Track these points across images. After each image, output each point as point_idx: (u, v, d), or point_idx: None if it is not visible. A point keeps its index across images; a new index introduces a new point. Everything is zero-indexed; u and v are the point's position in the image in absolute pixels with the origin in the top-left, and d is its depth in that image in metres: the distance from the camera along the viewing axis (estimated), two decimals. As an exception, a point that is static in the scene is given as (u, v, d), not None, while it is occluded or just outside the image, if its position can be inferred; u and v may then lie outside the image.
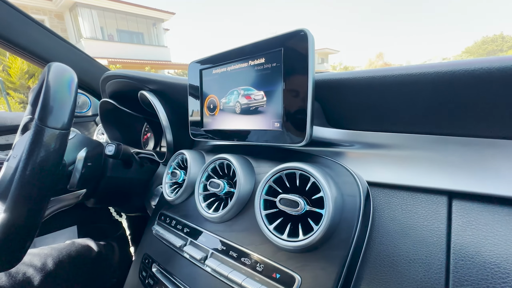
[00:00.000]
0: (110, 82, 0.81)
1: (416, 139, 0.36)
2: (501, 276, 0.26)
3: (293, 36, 0.38)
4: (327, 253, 0.33)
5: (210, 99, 0.53)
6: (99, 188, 0.67)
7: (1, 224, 0.43)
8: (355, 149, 0.41)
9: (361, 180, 0.37)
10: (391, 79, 0.35)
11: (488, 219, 0.29)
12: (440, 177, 0.33)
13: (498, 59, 0.28)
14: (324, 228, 0.33)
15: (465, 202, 0.31)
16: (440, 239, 0.30)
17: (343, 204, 0.35)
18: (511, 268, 0.26)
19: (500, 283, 0.26)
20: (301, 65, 0.38)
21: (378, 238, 0.34)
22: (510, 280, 0.25)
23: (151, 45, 15.78)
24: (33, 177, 0.43)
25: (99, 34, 13.28)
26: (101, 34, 13.44)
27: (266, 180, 0.40)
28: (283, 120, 0.41)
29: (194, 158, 0.56)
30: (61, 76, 0.51)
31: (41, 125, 0.43)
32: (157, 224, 0.57)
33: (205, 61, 0.53)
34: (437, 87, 0.32)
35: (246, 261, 0.39)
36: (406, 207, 0.34)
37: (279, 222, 0.38)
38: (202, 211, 0.47)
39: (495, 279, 0.26)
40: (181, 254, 0.48)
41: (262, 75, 0.43)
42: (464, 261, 0.28)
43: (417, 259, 0.30)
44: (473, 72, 0.29)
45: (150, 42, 15.89)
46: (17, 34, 0.80)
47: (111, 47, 13.61)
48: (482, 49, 31.20)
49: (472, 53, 31.22)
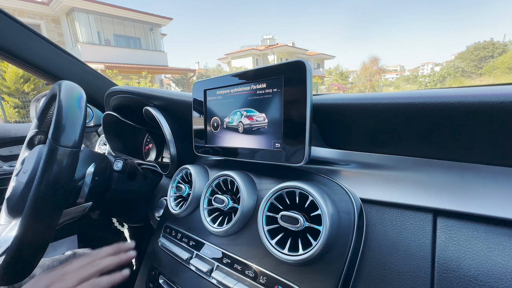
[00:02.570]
0: (115, 96, 0.84)
1: (405, 161, 0.40)
2: (478, 287, 0.29)
3: (293, 65, 0.42)
4: (325, 267, 0.37)
5: (214, 117, 0.57)
6: (104, 200, 0.69)
7: (16, 239, 0.45)
8: (350, 168, 0.45)
9: (355, 198, 0.40)
10: (382, 107, 0.39)
11: (468, 236, 0.32)
12: (426, 196, 0.36)
13: (474, 94, 0.32)
14: (321, 244, 0.36)
15: (448, 219, 0.34)
16: (426, 254, 0.33)
17: (339, 221, 0.38)
18: (487, 281, 0.29)
19: (478, 294, 0.29)
20: (300, 92, 0.41)
21: (371, 252, 0.37)
22: None
23: (148, 50, 15.82)
24: (47, 193, 0.45)
25: (96, 38, 13.29)
26: (98, 39, 13.45)
27: (268, 198, 0.43)
28: (283, 141, 0.44)
29: (198, 173, 0.59)
30: (71, 95, 0.53)
31: (54, 144, 0.46)
32: (163, 237, 0.59)
33: (210, 82, 0.56)
34: (423, 116, 0.36)
35: (250, 273, 0.42)
36: (396, 223, 0.37)
37: (280, 237, 0.41)
38: (207, 225, 0.50)
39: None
40: (187, 267, 0.50)
41: (264, 99, 0.47)
42: (447, 274, 0.31)
43: (405, 271, 0.34)
44: (452, 105, 0.33)
45: (147, 47, 15.93)
46: (24, 50, 0.83)
47: (108, 52, 13.60)
48: (474, 55, 31.97)
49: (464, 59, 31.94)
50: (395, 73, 60.55)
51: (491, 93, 0.31)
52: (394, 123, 0.39)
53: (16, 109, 8.14)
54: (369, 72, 25.11)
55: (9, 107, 7.93)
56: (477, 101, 0.31)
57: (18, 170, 0.62)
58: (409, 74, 47.48)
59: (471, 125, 0.33)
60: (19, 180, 0.57)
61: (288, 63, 0.42)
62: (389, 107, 0.38)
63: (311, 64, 8.89)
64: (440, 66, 39.04)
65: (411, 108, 0.36)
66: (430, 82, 19.52)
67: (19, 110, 8.18)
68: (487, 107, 0.31)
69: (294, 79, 0.42)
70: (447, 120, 0.34)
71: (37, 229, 0.46)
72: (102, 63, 12.03)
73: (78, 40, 12.63)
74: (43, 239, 0.47)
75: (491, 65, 27.45)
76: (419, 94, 0.37)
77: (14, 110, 8.06)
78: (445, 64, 35.64)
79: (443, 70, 22.22)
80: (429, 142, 0.37)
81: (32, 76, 8.25)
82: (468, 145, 0.35)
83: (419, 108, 0.35)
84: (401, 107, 0.37)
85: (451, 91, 0.35)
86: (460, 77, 21.60)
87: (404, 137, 0.39)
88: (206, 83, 0.57)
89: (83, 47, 12.49)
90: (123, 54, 14.19)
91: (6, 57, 0.83)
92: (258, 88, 0.48)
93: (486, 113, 0.31)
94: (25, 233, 0.45)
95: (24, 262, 0.48)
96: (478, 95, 0.31)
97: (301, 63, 0.41)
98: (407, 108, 0.37)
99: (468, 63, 30.72)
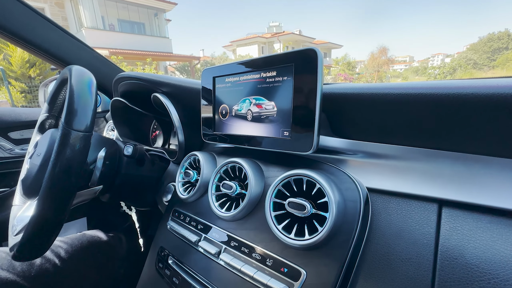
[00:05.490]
0: (123, 82, 0.84)
1: (412, 151, 0.40)
2: (479, 275, 0.30)
3: (304, 53, 0.42)
4: (330, 252, 0.38)
5: (223, 105, 0.57)
6: (114, 184, 0.71)
7: (33, 218, 0.47)
8: (357, 158, 0.45)
9: (362, 187, 0.41)
10: (392, 97, 0.39)
11: (472, 226, 0.33)
12: (432, 186, 0.37)
13: (486, 86, 0.32)
14: (327, 230, 0.37)
15: (453, 209, 0.35)
16: (429, 242, 0.34)
17: (345, 208, 0.39)
18: (488, 269, 0.30)
19: (478, 281, 0.30)
20: (311, 80, 0.41)
21: (375, 239, 0.38)
22: (486, 279, 0.30)
23: (152, 36, 15.61)
24: (61, 175, 0.47)
25: (100, 23, 13.14)
26: (102, 24, 13.29)
27: (275, 185, 0.44)
28: (292, 129, 0.45)
29: (206, 160, 0.60)
30: (82, 80, 0.54)
31: (67, 128, 0.47)
32: (171, 220, 0.61)
33: (219, 69, 0.56)
34: (432, 107, 0.36)
35: (257, 256, 0.43)
36: (401, 212, 0.38)
37: (287, 222, 0.42)
38: (216, 210, 0.51)
39: (474, 277, 0.30)
40: (195, 248, 0.52)
41: (273, 87, 0.47)
42: (449, 262, 0.32)
43: (409, 258, 0.35)
44: (463, 96, 0.33)
45: (151, 33, 15.71)
46: (33, 34, 0.83)
47: (112, 37, 13.47)
48: (488, 47, 30.82)
49: (476, 51, 30.84)
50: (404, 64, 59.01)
51: (504, 85, 0.31)
52: (403, 114, 0.39)
53: (23, 94, 8.21)
54: (377, 63, 24.50)
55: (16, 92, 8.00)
56: (489, 92, 0.31)
57: (31, 153, 0.63)
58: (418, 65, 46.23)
59: (481, 116, 0.33)
60: (33, 163, 0.59)
61: (299, 50, 0.42)
62: (399, 97, 0.38)
63: (318, 53, 8.74)
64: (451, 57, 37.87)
65: (421, 98, 0.36)
66: (439, 74, 19.01)
67: (25, 95, 8.24)
68: (498, 99, 0.31)
69: (305, 67, 0.42)
70: (457, 111, 0.34)
71: (52, 209, 0.48)
72: (107, 49, 11.95)
73: (82, 25, 12.51)
74: (58, 218, 0.49)
75: (505, 57, 26.48)
76: (429, 84, 0.36)
77: (21, 95, 8.13)
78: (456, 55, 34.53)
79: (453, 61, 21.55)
80: (438, 133, 0.37)
81: (38, 61, 8.25)
82: (477, 136, 0.35)
83: (429, 99, 0.35)
84: (411, 97, 0.37)
85: (462, 82, 0.35)
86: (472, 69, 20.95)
87: (412, 128, 0.40)
88: (215, 70, 0.57)
89: (88, 32, 12.38)
90: (127, 40, 14.05)
91: (15, 40, 0.84)
92: (268, 76, 0.48)
93: (497, 105, 0.31)
94: (41, 213, 0.47)
95: (40, 240, 0.50)
96: (491, 87, 0.31)
97: (313, 51, 0.41)
98: (417, 99, 0.36)
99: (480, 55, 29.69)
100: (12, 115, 0.97)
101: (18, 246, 0.50)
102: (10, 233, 0.61)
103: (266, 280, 0.40)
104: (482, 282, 0.30)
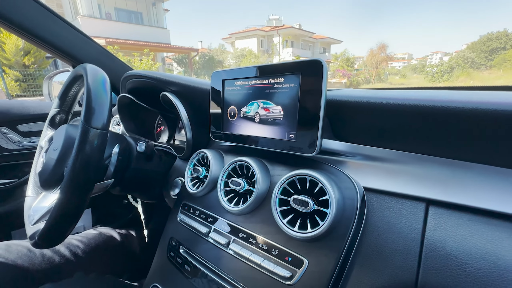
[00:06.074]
0: (132, 80, 0.87)
1: (404, 155, 0.45)
2: (457, 264, 0.35)
3: (311, 64, 0.45)
4: (329, 243, 0.43)
5: (231, 106, 0.61)
6: (124, 178, 0.75)
7: (55, 208, 0.51)
8: (356, 160, 0.50)
9: (359, 186, 0.45)
10: (388, 107, 0.43)
11: (454, 223, 0.38)
12: (421, 187, 0.41)
13: (472, 101, 0.36)
14: (328, 224, 0.42)
15: (438, 208, 0.40)
16: (416, 236, 0.39)
17: (344, 205, 0.44)
18: (465, 259, 0.35)
19: (456, 269, 0.35)
20: (316, 88, 0.45)
21: (369, 232, 0.43)
22: (463, 267, 0.35)
23: (150, 26, 15.34)
24: (81, 170, 0.50)
25: (96, 11, 12.85)
26: (98, 12, 13.01)
27: (281, 183, 0.48)
28: (297, 132, 0.49)
29: (215, 157, 0.64)
30: (98, 80, 0.57)
31: (87, 126, 0.50)
32: (181, 213, 0.66)
33: (228, 73, 0.60)
34: (423, 117, 0.40)
35: (263, 246, 0.48)
36: (393, 209, 0.43)
37: (291, 217, 0.47)
38: (225, 204, 0.56)
39: (453, 266, 0.35)
40: (205, 239, 0.57)
41: (281, 93, 0.51)
42: (432, 253, 0.37)
43: (398, 250, 0.40)
44: (452, 109, 0.37)
45: (149, 23, 15.43)
46: (41, 28, 0.85)
47: (109, 26, 13.21)
48: (486, 46, 30.97)
49: (475, 50, 30.99)
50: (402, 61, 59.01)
51: (487, 101, 0.35)
52: (398, 122, 0.44)
53: (17, 82, 8.05)
54: (376, 59, 24.50)
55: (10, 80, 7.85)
56: (473, 107, 0.36)
57: (46, 147, 0.66)
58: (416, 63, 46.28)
59: (465, 127, 0.38)
60: (50, 157, 0.62)
61: (306, 61, 0.46)
62: (395, 107, 0.42)
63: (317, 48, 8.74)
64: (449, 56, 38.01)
65: (414, 109, 0.41)
66: (437, 72, 19.13)
67: (20, 83, 8.09)
68: (481, 113, 0.35)
69: (311, 76, 0.46)
70: (445, 122, 0.39)
71: (73, 201, 0.52)
72: (103, 38, 11.73)
73: (78, 13, 12.23)
74: (78, 209, 0.53)
75: (502, 57, 26.66)
76: (421, 97, 0.41)
77: (15, 84, 7.98)
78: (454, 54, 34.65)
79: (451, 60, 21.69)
80: (427, 140, 0.42)
81: (33, 49, 8.06)
82: (461, 144, 0.39)
83: (421, 110, 0.40)
84: (405, 108, 0.41)
85: (451, 95, 0.39)
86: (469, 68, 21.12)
87: (405, 135, 0.44)
88: (224, 73, 0.61)
89: (84, 20, 12.11)
90: (124, 30, 13.79)
91: (23, 34, 0.85)
92: (276, 82, 0.51)
93: (479, 118, 0.36)
94: (63, 204, 0.51)
95: (61, 229, 0.54)
96: (475, 102, 0.36)
97: (319, 62, 0.44)
98: (410, 109, 0.41)
99: (478, 54, 29.85)
100: (20, 108, 0.99)
101: (40, 234, 0.54)
102: (28, 222, 0.64)
103: (272, 267, 0.45)
104: (459, 270, 0.35)
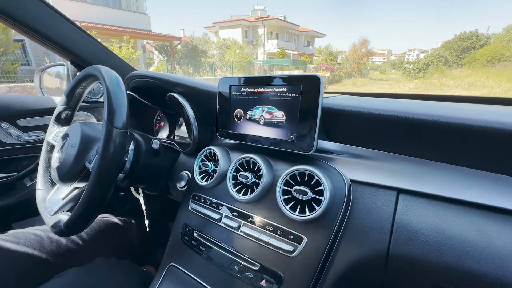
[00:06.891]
0: (136, 80, 0.92)
1: (383, 154, 0.57)
2: (418, 237, 0.47)
3: (311, 78, 0.55)
4: (323, 224, 0.54)
5: (238, 109, 0.69)
6: (134, 172, 0.82)
7: (83, 200, 0.57)
8: (344, 157, 0.61)
9: (346, 178, 0.57)
10: (371, 116, 0.54)
11: (418, 207, 0.50)
12: (394, 179, 0.53)
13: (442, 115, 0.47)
14: (322, 209, 0.53)
15: (406, 195, 0.52)
16: (389, 216, 0.51)
17: (335, 194, 0.55)
18: (423, 232, 0.47)
19: (417, 240, 0.47)
20: (314, 98, 0.55)
21: (354, 215, 0.54)
22: (420, 238, 0.47)
23: (129, 11, 14.54)
24: (107, 166, 0.57)
25: (70, -8, 11.95)
26: (72, -7, 12.10)
27: (284, 176, 0.58)
28: (297, 134, 0.59)
29: (222, 154, 0.73)
30: (114, 82, 0.62)
31: (110, 126, 0.56)
32: (192, 203, 0.74)
33: (235, 80, 0.68)
34: (398, 126, 0.52)
35: (270, 228, 0.59)
36: (372, 196, 0.54)
37: (292, 204, 0.57)
38: (234, 194, 0.65)
39: (415, 238, 0.47)
40: (218, 224, 0.66)
41: (284, 100, 0.60)
42: (400, 228, 0.49)
43: (375, 227, 0.51)
44: (425, 121, 0.48)
45: (128, 8, 14.62)
46: (47, 29, 0.87)
47: (84, 10, 12.36)
48: (458, 45, 32.90)
49: (448, 48, 32.84)
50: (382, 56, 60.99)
51: (442, 114, 0.47)
52: (378, 128, 0.55)
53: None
54: (357, 54, 25.15)
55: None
56: (432, 119, 0.47)
57: (61, 144, 0.71)
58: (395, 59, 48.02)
59: (428, 133, 0.49)
60: (68, 153, 0.67)
61: (307, 76, 0.55)
62: (377, 116, 0.54)
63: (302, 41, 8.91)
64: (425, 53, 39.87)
65: (390, 119, 0.52)
66: (414, 69, 20.10)
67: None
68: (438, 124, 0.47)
69: (310, 88, 0.56)
70: (414, 129, 0.50)
71: (99, 193, 0.58)
72: (79, 22, 10.95)
73: (49, -7, 11.29)
74: (102, 201, 0.60)
75: (472, 57, 28.45)
76: (398, 108, 0.52)
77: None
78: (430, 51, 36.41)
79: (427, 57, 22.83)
80: (401, 143, 0.54)
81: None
82: (426, 147, 0.51)
83: (397, 120, 0.51)
84: (384, 118, 0.53)
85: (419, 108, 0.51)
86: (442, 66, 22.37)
87: (384, 138, 0.56)
88: (231, 80, 0.69)
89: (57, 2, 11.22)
90: (101, 14, 12.98)
91: (26, 32, 0.87)
92: (279, 91, 0.61)
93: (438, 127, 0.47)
94: (90, 197, 0.57)
95: (87, 217, 0.60)
96: (434, 115, 0.47)
97: (317, 78, 0.54)
98: (388, 119, 0.52)
99: (451, 53, 31.64)
100: (20, 103, 1.00)
101: (66, 223, 0.60)
102: (46, 213, 0.70)
103: (278, 244, 0.55)
104: (419, 241, 0.47)
